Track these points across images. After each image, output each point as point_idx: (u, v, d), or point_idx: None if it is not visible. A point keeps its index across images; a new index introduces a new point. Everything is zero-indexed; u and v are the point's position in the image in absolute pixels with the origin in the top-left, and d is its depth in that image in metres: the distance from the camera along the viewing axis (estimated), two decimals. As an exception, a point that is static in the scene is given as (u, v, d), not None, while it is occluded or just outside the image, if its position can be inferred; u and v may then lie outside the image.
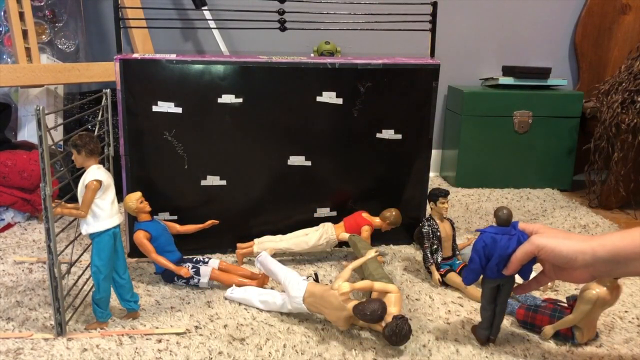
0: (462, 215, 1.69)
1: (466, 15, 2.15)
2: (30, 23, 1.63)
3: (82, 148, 0.92)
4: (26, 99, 1.78)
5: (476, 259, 0.89)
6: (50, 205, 0.88)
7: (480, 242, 0.89)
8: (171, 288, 1.16)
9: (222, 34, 2.00)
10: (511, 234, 0.87)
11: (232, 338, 0.96)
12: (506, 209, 0.89)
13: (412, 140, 1.36)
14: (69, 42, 1.90)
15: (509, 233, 0.87)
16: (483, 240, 0.88)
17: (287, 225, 1.33)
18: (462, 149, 1.99)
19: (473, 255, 0.90)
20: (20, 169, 1.50)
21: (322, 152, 1.33)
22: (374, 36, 2.06)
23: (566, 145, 2.00)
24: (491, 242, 0.87)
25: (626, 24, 2.16)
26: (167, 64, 1.21)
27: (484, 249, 0.88)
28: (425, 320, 1.04)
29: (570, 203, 1.85)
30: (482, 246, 0.88)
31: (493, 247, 0.87)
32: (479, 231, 0.90)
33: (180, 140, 1.26)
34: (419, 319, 1.05)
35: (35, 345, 0.92)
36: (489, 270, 0.89)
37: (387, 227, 1.30)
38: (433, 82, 1.32)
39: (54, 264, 0.90)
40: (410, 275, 1.25)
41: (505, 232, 0.87)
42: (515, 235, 0.86)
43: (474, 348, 0.95)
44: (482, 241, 0.88)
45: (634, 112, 1.69)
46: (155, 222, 1.14)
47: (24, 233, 1.46)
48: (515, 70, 2.02)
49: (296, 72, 1.27)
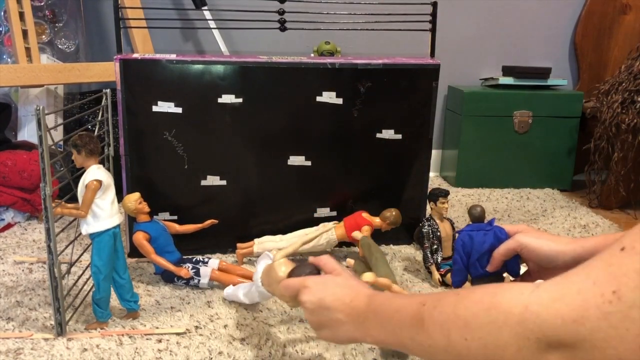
0: (462, 215, 1.69)
1: (466, 15, 2.15)
2: (30, 23, 1.63)
3: (82, 148, 0.92)
4: (26, 99, 1.78)
5: (458, 259, 0.92)
6: (50, 205, 0.88)
7: (459, 242, 0.91)
8: (171, 288, 1.16)
9: (222, 34, 2.00)
10: (486, 230, 0.88)
11: (232, 338, 0.96)
12: (479, 206, 0.92)
13: (412, 140, 1.36)
14: (69, 42, 1.90)
15: (484, 229, 0.89)
16: (461, 239, 0.91)
17: (287, 225, 1.33)
18: (462, 149, 1.99)
19: (455, 256, 0.92)
20: (20, 169, 1.50)
21: (322, 152, 1.33)
22: (374, 36, 2.06)
23: (566, 145, 2.00)
24: (468, 239, 0.90)
25: (626, 24, 2.16)
26: (167, 64, 1.21)
27: (462, 248, 0.91)
28: (425, 320, 1.04)
29: (570, 203, 1.85)
30: (461, 245, 0.91)
31: (470, 244, 0.89)
32: (457, 232, 0.92)
33: (180, 140, 1.26)
34: (419, 319, 1.05)
35: (35, 345, 0.92)
36: (472, 268, 0.90)
37: (387, 227, 1.30)
38: (433, 82, 1.32)
39: (54, 264, 0.90)
40: (410, 275, 1.25)
41: (481, 229, 0.89)
42: (491, 231, 0.87)
43: (474, 348, 0.95)
44: (460, 240, 0.91)
45: (634, 112, 1.69)
46: (155, 222, 1.14)
47: (24, 233, 1.46)
48: (515, 70, 2.02)
49: (296, 72, 1.27)
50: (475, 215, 0.92)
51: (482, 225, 0.90)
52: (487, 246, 0.87)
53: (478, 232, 0.89)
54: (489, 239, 0.87)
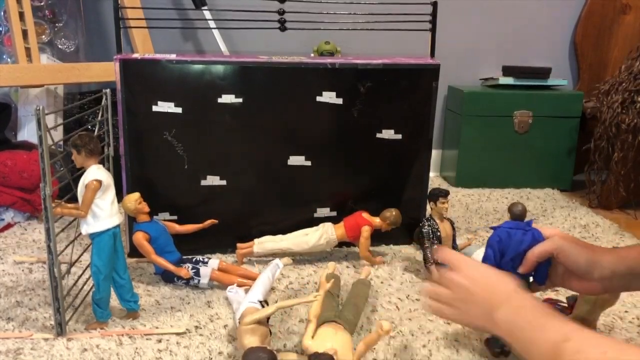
0: (462, 215, 1.69)
1: (466, 15, 2.15)
2: (30, 23, 1.63)
3: (82, 148, 0.92)
4: (26, 99, 1.78)
5: (490, 255, 0.86)
6: (50, 205, 0.88)
7: (495, 237, 0.86)
8: (171, 288, 1.16)
9: (222, 34, 2.00)
10: (526, 229, 0.84)
11: (232, 338, 0.96)
12: (521, 204, 0.87)
13: (412, 140, 1.36)
14: (69, 42, 1.90)
15: (523, 228, 0.85)
16: (498, 235, 0.86)
17: (287, 225, 1.33)
18: (462, 149, 1.99)
19: (488, 251, 0.87)
20: (20, 169, 1.50)
21: (322, 152, 1.33)
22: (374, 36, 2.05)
23: (566, 145, 2.00)
24: (506, 236, 0.85)
25: (626, 24, 2.16)
26: (167, 64, 1.21)
27: (498, 244, 0.85)
28: (425, 320, 1.04)
29: (570, 203, 1.85)
30: (497, 241, 0.86)
31: (508, 242, 0.85)
32: (493, 228, 0.87)
33: (180, 140, 1.26)
34: (419, 319, 1.05)
35: (35, 345, 0.92)
36: (504, 265, 0.85)
37: (387, 227, 1.30)
38: (433, 82, 1.32)
39: (54, 264, 0.90)
40: (410, 275, 1.25)
41: (520, 227, 0.85)
42: (530, 232, 0.84)
43: (474, 348, 0.95)
44: (496, 236, 0.86)
45: (634, 112, 1.69)
46: (154, 222, 1.14)
47: (24, 233, 1.46)
48: (515, 70, 2.02)
49: (296, 72, 1.27)
50: (517, 213, 0.86)
51: (521, 224, 0.85)
52: (525, 246, 0.83)
53: (517, 231, 0.84)
54: (527, 239, 0.83)
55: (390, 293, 1.16)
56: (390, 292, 1.16)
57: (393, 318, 1.05)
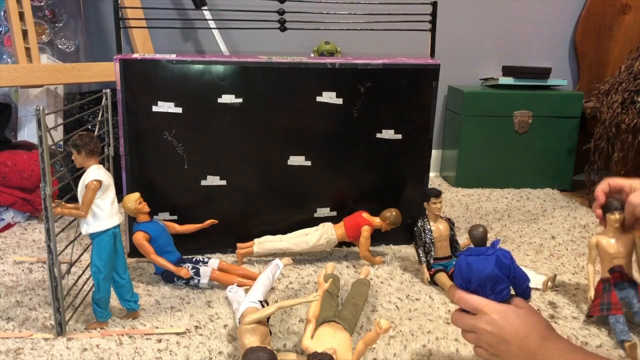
0: (462, 215, 1.69)
1: (466, 15, 2.15)
2: (30, 23, 1.63)
3: (82, 148, 0.92)
4: (26, 99, 1.78)
5: (459, 284, 0.82)
6: (50, 205, 0.88)
7: (456, 267, 0.82)
8: (171, 288, 1.16)
9: (222, 34, 2.00)
10: (487, 254, 0.79)
11: (232, 338, 0.96)
12: (481, 226, 0.81)
13: (412, 140, 1.36)
14: (69, 42, 1.90)
15: (484, 253, 0.79)
16: (458, 266, 0.81)
17: (287, 225, 1.33)
18: (462, 149, 1.99)
19: (455, 280, 0.83)
20: (20, 169, 1.50)
21: (322, 152, 1.33)
22: (374, 36, 2.06)
23: (566, 145, 2.00)
24: (465, 266, 0.80)
25: (626, 24, 2.16)
26: (167, 64, 1.21)
27: (460, 274, 0.80)
28: (425, 320, 1.04)
29: (570, 203, 1.85)
30: (458, 271, 0.81)
31: (468, 272, 0.79)
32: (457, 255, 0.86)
33: (180, 140, 1.26)
34: (419, 318, 1.05)
35: (35, 345, 0.92)
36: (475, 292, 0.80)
37: (387, 227, 1.30)
38: (433, 82, 1.32)
39: (54, 264, 0.90)
40: (410, 275, 1.25)
41: (481, 253, 0.79)
42: (493, 255, 0.78)
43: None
44: (457, 266, 0.81)
45: (634, 112, 1.69)
46: (154, 222, 1.14)
47: (24, 233, 1.46)
48: (515, 70, 2.02)
49: (296, 72, 1.27)
50: (477, 236, 0.81)
51: (482, 250, 0.79)
52: (487, 273, 0.77)
53: (477, 258, 0.78)
54: (489, 264, 0.77)
55: (390, 293, 1.16)
56: (390, 292, 1.16)
57: (393, 318, 1.05)
